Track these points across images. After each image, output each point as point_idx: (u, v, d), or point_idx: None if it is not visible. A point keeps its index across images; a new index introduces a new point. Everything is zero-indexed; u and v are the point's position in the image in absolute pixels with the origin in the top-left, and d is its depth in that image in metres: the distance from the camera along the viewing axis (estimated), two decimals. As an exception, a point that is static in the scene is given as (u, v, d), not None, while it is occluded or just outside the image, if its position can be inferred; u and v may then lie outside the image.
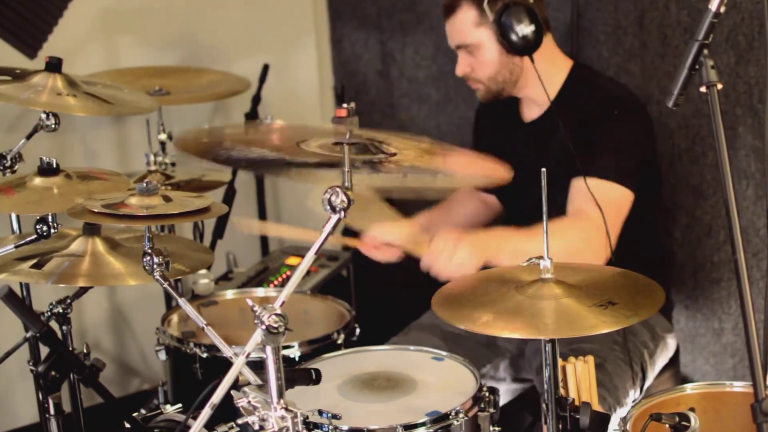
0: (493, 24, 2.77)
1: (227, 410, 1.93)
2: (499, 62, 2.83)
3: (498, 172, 2.15)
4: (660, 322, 2.94)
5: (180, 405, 2.47)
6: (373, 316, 3.21)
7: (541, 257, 2.03)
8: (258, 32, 4.00)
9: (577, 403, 2.07)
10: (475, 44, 2.83)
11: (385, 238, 2.78)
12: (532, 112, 2.97)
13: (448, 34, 2.91)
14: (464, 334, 2.53)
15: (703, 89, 1.87)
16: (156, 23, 3.76)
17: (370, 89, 4.10)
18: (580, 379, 2.15)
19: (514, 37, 2.75)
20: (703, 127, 3.09)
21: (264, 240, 3.94)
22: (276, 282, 3.36)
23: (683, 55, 1.89)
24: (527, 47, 2.78)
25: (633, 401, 2.74)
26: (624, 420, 2.14)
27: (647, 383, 2.83)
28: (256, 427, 1.85)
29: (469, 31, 2.82)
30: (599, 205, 2.67)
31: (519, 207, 2.95)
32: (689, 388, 2.28)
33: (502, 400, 2.85)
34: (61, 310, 2.43)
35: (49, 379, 2.25)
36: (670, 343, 2.95)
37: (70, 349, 2.36)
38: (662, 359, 2.92)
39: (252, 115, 3.67)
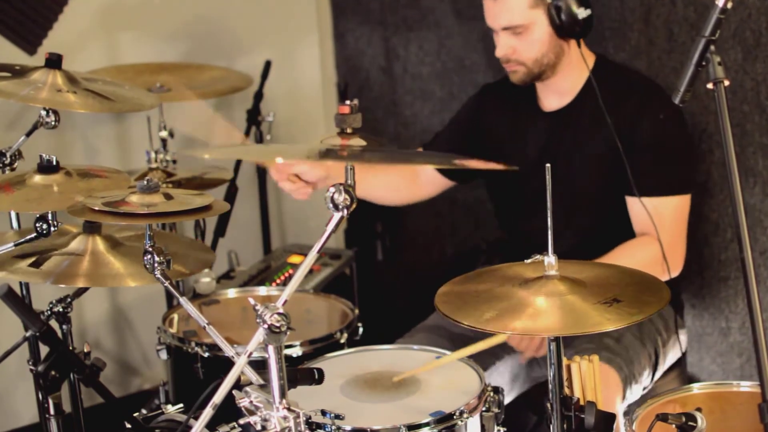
0: (550, 5, 2.77)
1: (229, 410, 1.91)
2: (548, 44, 2.81)
3: None
4: (673, 317, 2.93)
5: (181, 405, 2.45)
6: (376, 315, 3.20)
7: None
8: (260, 28, 3.98)
9: (582, 402, 2.05)
10: (525, 25, 2.79)
11: (297, 168, 2.92)
12: (553, 101, 2.95)
13: (492, 14, 2.84)
14: (471, 335, 2.51)
15: (710, 86, 1.87)
16: (157, 19, 3.74)
17: (373, 86, 4.08)
18: (585, 378, 2.13)
19: (570, 20, 2.77)
20: (709, 124, 3.07)
21: (266, 238, 3.93)
22: (278, 281, 3.35)
23: (690, 52, 1.89)
24: (579, 32, 2.80)
25: (644, 388, 2.75)
26: (630, 420, 2.12)
27: (658, 373, 2.83)
28: (258, 428, 1.85)
29: (523, 11, 2.78)
30: (666, 221, 2.76)
31: (528, 196, 2.91)
32: (696, 388, 2.27)
33: (511, 400, 2.86)
34: (61, 309, 2.41)
35: (49, 379, 2.23)
36: (682, 339, 2.96)
37: (71, 348, 2.35)
38: (673, 354, 2.92)
39: (254, 112, 3.66)
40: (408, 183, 3.22)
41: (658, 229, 2.72)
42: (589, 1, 2.78)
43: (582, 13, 2.77)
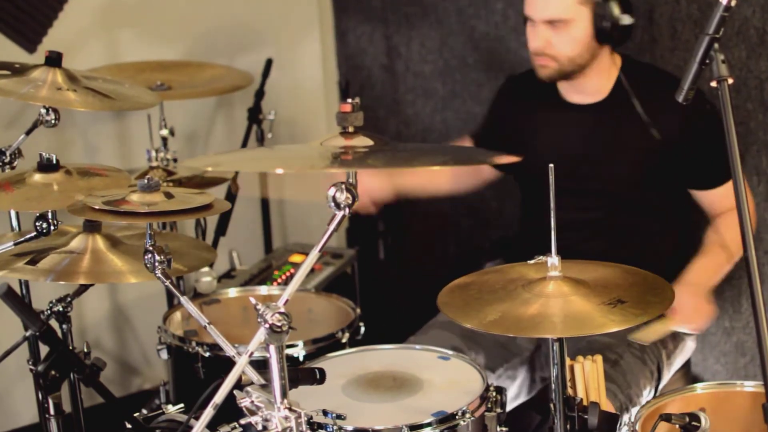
0: (596, 6, 2.72)
1: (230, 410, 1.90)
2: (585, 45, 2.75)
3: None
4: None
5: (182, 405, 2.45)
6: (378, 314, 3.19)
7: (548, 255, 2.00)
8: (261, 26, 3.97)
9: (585, 403, 2.04)
10: (567, 20, 2.72)
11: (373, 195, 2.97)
12: (576, 98, 2.90)
13: (536, 4, 2.76)
14: (484, 332, 2.49)
15: (713, 84, 1.86)
16: (157, 17, 3.73)
17: (375, 84, 4.07)
18: (588, 378, 2.13)
19: (612, 25, 2.73)
20: (713, 122, 3.06)
21: (267, 237, 3.92)
22: (279, 280, 3.34)
23: (693, 50, 1.88)
24: (618, 38, 2.77)
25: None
26: (633, 420, 2.11)
27: (662, 383, 2.81)
28: (260, 428, 1.84)
29: (570, 5, 2.71)
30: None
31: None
32: (699, 388, 2.26)
33: (520, 400, 2.84)
34: (61, 309, 2.40)
35: (49, 379, 2.23)
36: (690, 345, 2.92)
37: (71, 348, 2.33)
38: (680, 360, 2.89)
39: (255, 111, 3.64)
40: (470, 170, 3.20)
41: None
42: (632, 8, 2.75)
43: (625, 20, 2.73)
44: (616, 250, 2.70)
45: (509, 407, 2.31)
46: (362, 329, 2.81)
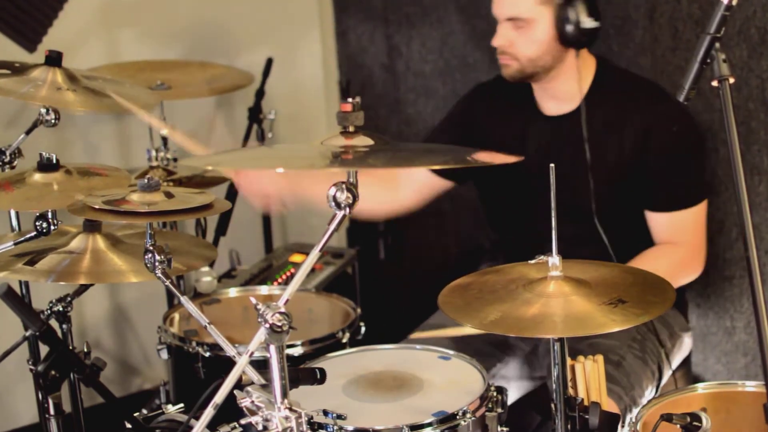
0: (558, 7, 2.69)
1: (230, 410, 1.90)
2: (547, 46, 2.73)
3: None
4: (678, 320, 2.91)
5: (182, 405, 2.45)
6: (378, 314, 3.18)
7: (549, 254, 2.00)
8: (261, 25, 3.97)
9: (586, 403, 2.04)
10: (529, 20, 2.71)
11: (260, 183, 2.87)
12: (552, 106, 2.88)
13: (499, 2, 2.77)
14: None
15: (714, 83, 1.87)
16: (158, 16, 3.73)
17: (375, 83, 4.07)
18: (589, 378, 2.12)
19: (574, 28, 2.69)
20: (714, 122, 3.05)
21: (268, 237, 3.92)
22: (280, 280, 3.33)
23: (695, 49, 1.88)
24: (582, 42, 2.74)
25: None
26: (634, 420, 2.11)
27: (662, 383, 2.80)
28: (260, 428, 1.84)
29: (529, 5, 2.70)
30: (689, 229, 2.80)
31: (528, 200, 2.85)
32: (700, 388, 2.26)
33: (515, 400, 2.84)
34: (61, 309, 2.40)
35: (49, 379, 2.22)
36: (687, 342, 2.93)
37: (71, 348, 2.33)
38: (678, 358, 2.90)
39: (255, 110, 3.64)
40: (390, 192, 3.09)
41: (682, 239, 2.76)
42: (599, 13, 2.72)
43: (588, 23, 2.70)
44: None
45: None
46: (362, 329, 2.81)
